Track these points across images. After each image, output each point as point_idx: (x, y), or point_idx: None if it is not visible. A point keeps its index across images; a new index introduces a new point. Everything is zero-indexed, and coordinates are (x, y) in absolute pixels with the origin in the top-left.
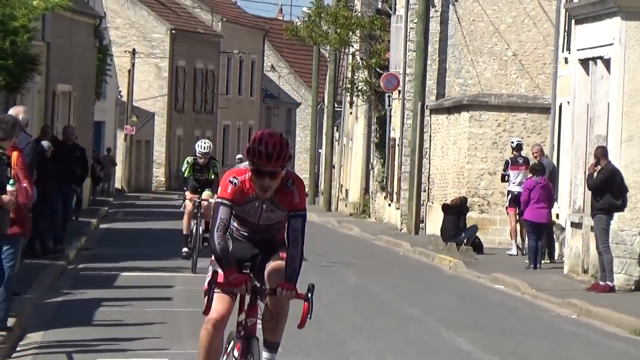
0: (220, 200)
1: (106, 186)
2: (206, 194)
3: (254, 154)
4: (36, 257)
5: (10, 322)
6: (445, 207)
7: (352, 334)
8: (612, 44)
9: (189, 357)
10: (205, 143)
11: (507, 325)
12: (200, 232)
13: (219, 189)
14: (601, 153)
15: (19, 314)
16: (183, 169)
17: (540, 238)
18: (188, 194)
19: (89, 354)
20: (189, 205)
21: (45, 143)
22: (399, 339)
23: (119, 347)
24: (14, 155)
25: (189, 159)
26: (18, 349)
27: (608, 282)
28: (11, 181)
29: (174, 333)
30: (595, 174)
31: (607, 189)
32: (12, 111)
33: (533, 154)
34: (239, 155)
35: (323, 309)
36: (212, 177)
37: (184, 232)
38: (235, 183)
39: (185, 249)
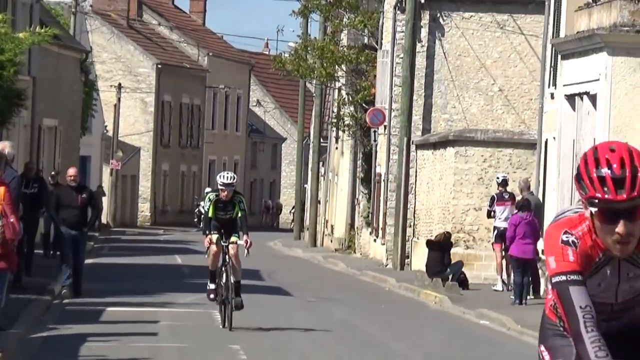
0: (565, 277)
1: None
2: (233, 239)
3: (595, 182)
4: (22, 291)
5: None
6: (429, 243)
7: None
8: (598, 80)
9: None
10: (228, 173)
11: None
12: (232, 280)
13: (552, 260)
14: None
15: (5, 348)
16: (206, 208)
17: (526, 274)
18: (210, 238)
19: None
20: (213, 248)
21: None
22: None
23: None
24: (1, 190)
25: (211, 194)
26: None
27: None
28: None
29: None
30: None
31: None
32: None
33: (519, 189)
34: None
35: (311, 344)
36: (239, 214)
37: (210, 268)
38: (574, 243)
39: (211, 286)
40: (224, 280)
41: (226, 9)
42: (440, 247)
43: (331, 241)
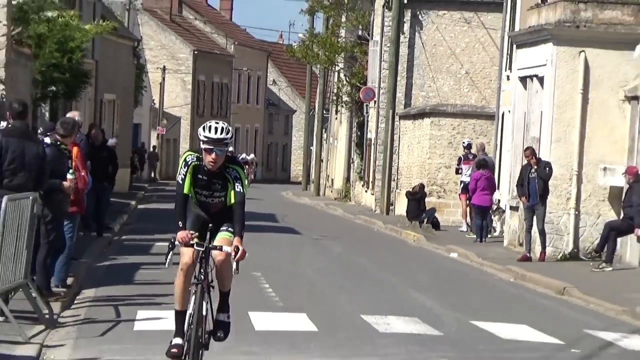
0: None
1: (141, 175)
2: (222, 237)
3: None
4: (89, 231)
5: (69, 281)
6: (408, 194)
7: (338, 292)
8: (545, 65)
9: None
10: (217, 123)
11: (459, 286)
12: (206, 312)
13: None
14: (531, 151)
15: (76, 274)
16: (179, 176)
17: (485, 218)
18: (182, 233)
19: (132, 306)
20: (186, 254)
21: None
22: (375, 296)
23: (155, 301)
24: (75, 149)
25: (189, 155)
26: (75, 302)
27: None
28: (71, 171)
29: None
30: (536, 168)
31: (545, 182)
32: (70, 114)
33: (476, 151)
34: (243, 155)
35: (315, 273)
36: (232, 200)
37: (177, 308)
38: None
39: (176, 341)
40: (191, 310)
41: (249, 6)
42: (417, 197)
43: (331, 192)
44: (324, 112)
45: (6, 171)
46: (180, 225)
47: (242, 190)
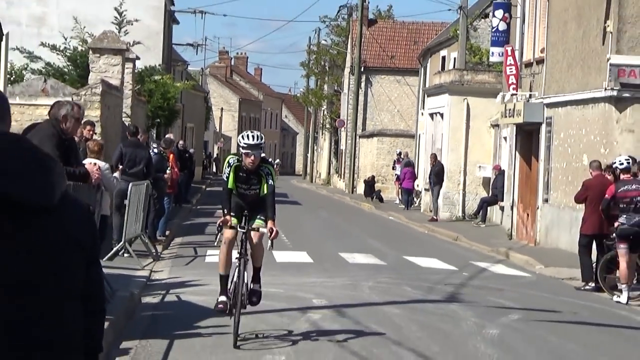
0: None
1: (209, 171)
2: (258, 223)
3: None
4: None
5: (167, 232)
6: (364, 181)
7: (324, 239)
8: (444, 107)
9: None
10: (253, 132)
11: (395, 235)
12: (246, 280)
13: None
14: (434, 156)
15: (171, 229)
16: (225, 175)
17: (410, 195)
18: (226, 218)
19: (203, 248)
20: (228, 233)
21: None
22: (346, 241)
23: (218, 245)
24: (171, 156)
25: (231, 158)
26: (171, 245)
27: (437, 216)
28: (168, 169)
29: None
30: (432, 167)
31: (441, 174)
32: (167, 135)
33: (402, 156)
34: (270, 159)
35: (311, 227)
36: (265, 191)
37: (221, 272)
38: None
39: (221, 298)
40: (235, 277)
41: (271, 73)
42: (369, 183)
43: (319, 180)
44: (315, 134)
45: (126, 167)
46: (225, 213)
47: (272, 183)
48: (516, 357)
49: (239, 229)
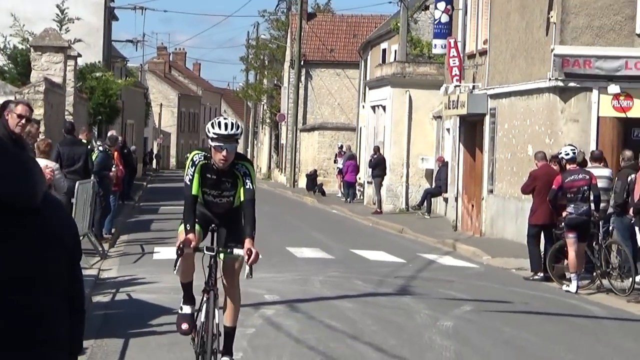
0: None
1: (150, 167)
2: (236, 253)
3: None
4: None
5: (113, 230)
6: (307, 175)
7: (270, 233)
8: (386, 99)
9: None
10: (225, 119)
11: (340, 229)
12: (217, 320)
13: None
14: (376, 148)
15: (116, 226)
16: (187, 177)
17: (351, 189)
18: (190, 236)
19: (151, 245)
20: (188, 257)
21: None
22: (292, 235)
23: (165, 242)
24: (116, 153)
25: (196, 154)
26: (117, 243)
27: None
28: (114, 167)
29: None
30: (373, 158)
31: (381, 166)
32: (111, 132)
33: (345, 149)
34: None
35: (257, 220)
36: (242, 198)
37: (182, 280)
38: None
39: (185, 309)
40: (202, 317)
41: (209, 67)
42: (311, 177)
43: (260, 175)
44: (255, 128)
45: (65, 167)
46: (188, 228)
47: (251, 187)
48: (473, 349)
49: (205, 252)
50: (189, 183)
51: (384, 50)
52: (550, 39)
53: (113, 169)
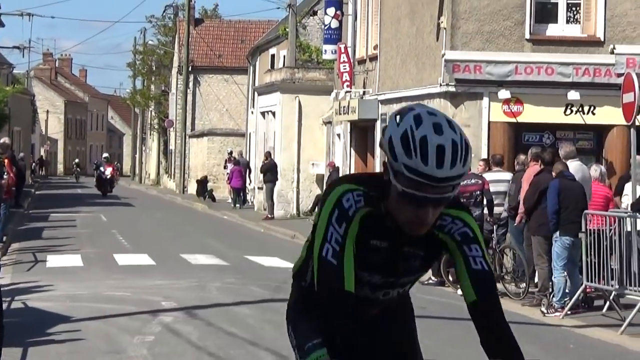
0: None
1: (38, 173)
2: None
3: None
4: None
5: (4, 238)
6: (197, 181)
7: (163, 240)
8: (276, 105)
9: (94, 253)
10: (438, 118)
11: (232, 234)
12: None
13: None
14: (268, 154)
15: (8, 234)
16: (329, 249)
17: (238, 194)
18: None
19: (43, 253)
20: None
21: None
22: (185, 241)
23: (57, 250)
24: (6, 161)
25: (347, 196)
26: (9, 251)
27: (272, 215)
28: (5, 175)
29: (81, 239)
30: (263, 164)
31: (272, 171)
32: (3, 140)
33: (234, 155)
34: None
35: (148, 228)
36: (470, 293)
37: None
38: None
39: None
40: None
41: (96, 74)
42: (202, 182)
43: (149, 181)
44: (143, 134)
45: None
46: (314, 343)
47: (487, 268)
48: None
49: None
50: (332, 260)
51: (273, 56)
52: (441, 44)
53: (5, 177)
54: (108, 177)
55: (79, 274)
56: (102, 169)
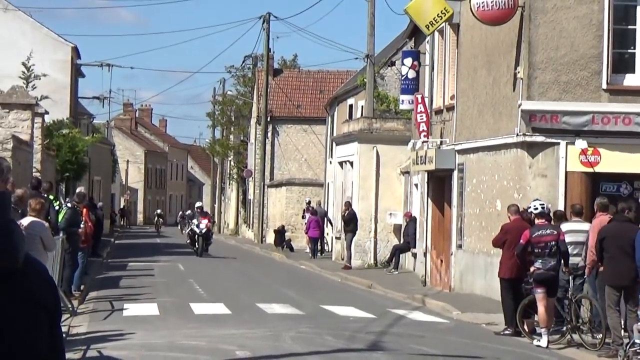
0: None
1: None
2: None
3: None
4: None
5: (82, 287)
6: (275, 231)
7: (240, 289)
8: (353, 155)
9: (170, 302)
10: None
11: (309, 284)
12: None
13: None
14: (348, 204)
15: (85, 283)
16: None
17: (315, 244)
18: None
19: (120, 301)
20: None
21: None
22: (262, 291)
23: (134, 298)
24: (84, 210)
25: None
26: (86, 300)
27: (349, 264)
28: (82, 224)
29: (158, 288)
30: (346, 214)
31: (354, 221)
32: (79, 189)
33: (314, 205)
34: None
35: (225, 278)
36: None
37: None
38: None
39: None
40: None
41: (176, 124)
42: (279, 232)
43: (227, 230)
44: (222, 184)
45: None
46: None
47: None
48: None
49: None
50: None
51: (351, 106)
52: (517, 94)
53: (82, 226)
54: (204, 230)
55: (155, 323)
56: (195, 220)
